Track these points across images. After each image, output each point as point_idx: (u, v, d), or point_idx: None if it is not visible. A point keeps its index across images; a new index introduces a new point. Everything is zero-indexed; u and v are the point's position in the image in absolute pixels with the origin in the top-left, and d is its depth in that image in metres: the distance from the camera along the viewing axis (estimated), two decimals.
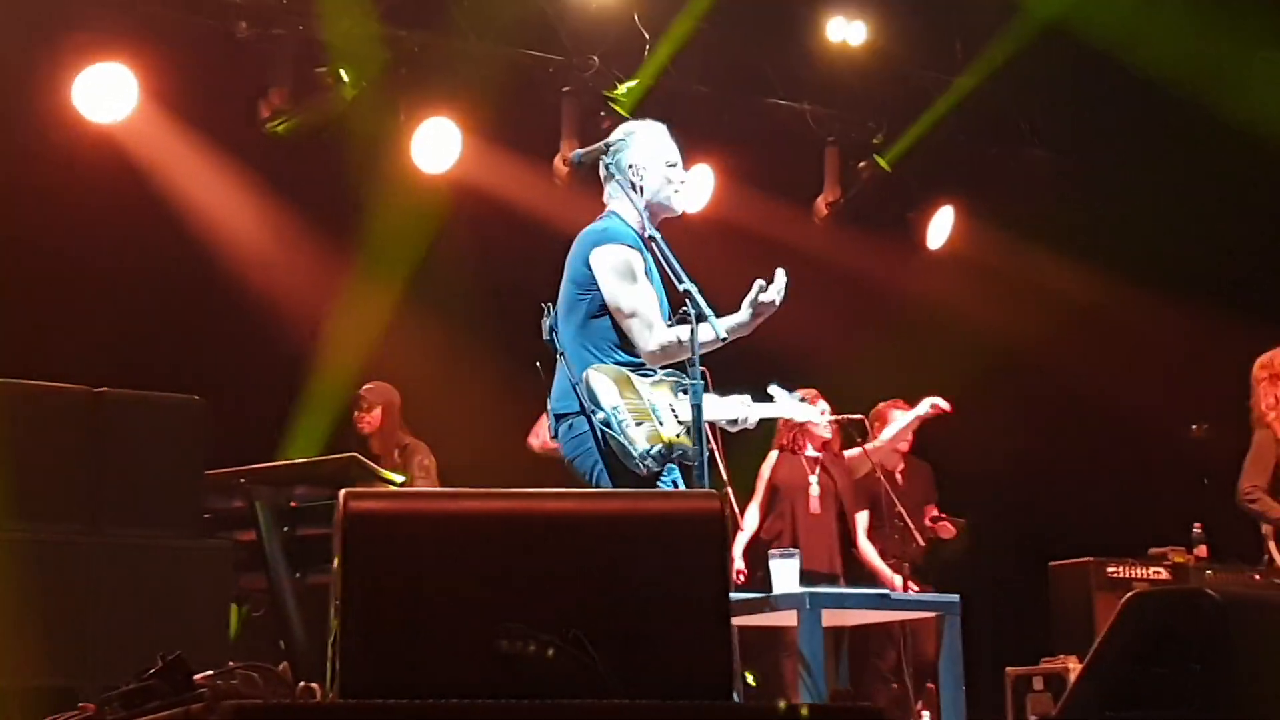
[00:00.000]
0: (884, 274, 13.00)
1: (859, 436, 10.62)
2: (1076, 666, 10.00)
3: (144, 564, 6.48)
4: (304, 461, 7.48)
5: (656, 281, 6.65)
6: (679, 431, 6.42)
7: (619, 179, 6.78)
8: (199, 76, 10.47)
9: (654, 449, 6.36)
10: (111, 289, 10.31)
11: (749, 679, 11.28)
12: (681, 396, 6.42)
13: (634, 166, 6.79)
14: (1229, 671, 5.05)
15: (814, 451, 10.72)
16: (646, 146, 6.85)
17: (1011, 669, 11.15)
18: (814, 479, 10.64)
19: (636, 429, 6.36)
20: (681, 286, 6.38)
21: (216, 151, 10.73)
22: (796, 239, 12.66)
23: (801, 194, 12.91)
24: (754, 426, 6.96)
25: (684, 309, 6.35)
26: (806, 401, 7.60)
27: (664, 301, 6.65)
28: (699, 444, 6.23)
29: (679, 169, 6.87)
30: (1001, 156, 13.46)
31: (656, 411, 6.43)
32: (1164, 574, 11.68)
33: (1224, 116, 12.11)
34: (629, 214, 6.74)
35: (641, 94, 11.52)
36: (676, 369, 6.55)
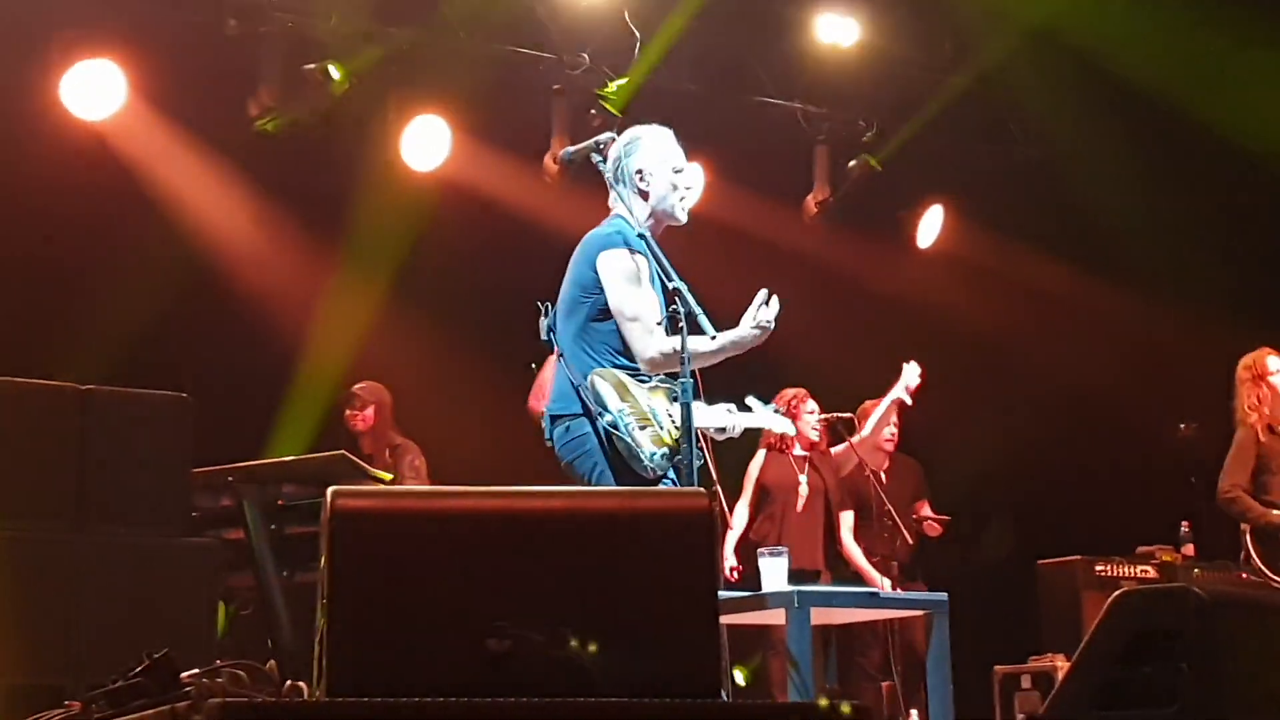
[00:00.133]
0: (874, 272, 13.00)
1: (847, 434, 10.64)
2: (1064, 665, 10.01)
3: (131, 562, 6.47)
4: (292, 460, 7.46)
5: (657, 286, 6.62)
6: (677, 436, 6.42)
7: (625, 184, 6.75)
8: (187, 74, 10.45)
9: (661, 451, 6.35)
10: (99, 286, 10.29)
11: (739, 677, 11.29)
12: (675, 404, 6.41)
13: (641, 172, 6.74)
14: (1216, 670, 5.05)
15: (802, 450, 10.72)
16: (654, 152, 6.80)
17: (999, 667, 11.18)
18: (803, 479, 10.64)
19: (641, 432, 6.36)
20: (671, 285, 6.36)
21: (205, 149, 10.72)
22: (786, 237, 12.68)
23: (791, 192, 12.91)
24: (739, 436, 6.97)
25: (673, 307, 6.34)
26: (782, 412, 7.61)
27: (664, 305, 6.62)
28: (689, 443, 6.23)
29: (686, 175, 6.83)
30: (991, 156, 13.47)
31: (656, 416, 6.43)
32: (1152, 572, 11.72)
33: (1213, 119, 12.14)
34: (635, 219, 6.69)
35: (631, 92, 11.52)
36: (669, 376, 6.54)
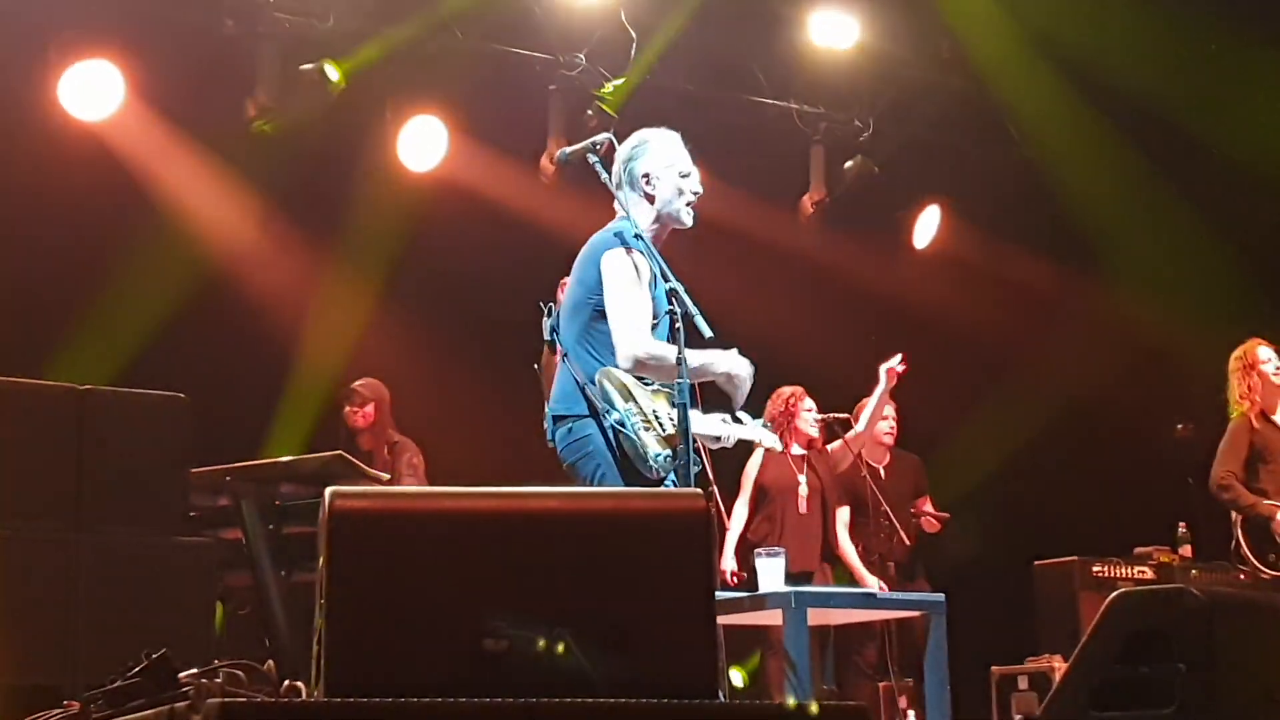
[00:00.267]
0: (870, 272, 13.00)
1: (843, 434, 10.64)
2: (1061, 665, 10.02)
3: (129, 562, 6.46)
4: (289, 459, 7.45)
5: (660, 289, 6.59)
6: (679, 433, 6.43)
7: (632, 187, 6.75)
8: (185, 74, 10.45)
9: (665, 453, 6.35)
10: (96, 286, 10.29)
11: (737, 678, 11.28)
12: (675, 407, 6.40)
13: (648, 175, 6.73)
14: (1213, 671, 5.05)
15: (800, 449, 10.71)
16: (661, 155, 6.78)
17: (996, 668, 11.18)
18: (803, 478, 10.63)
19: (646, 433, 6.36)
20: (667, 285, 6.36)
21: (202, 149, 10.71)
22: (783, 238, 12.69)
23: (788, 193, 12.91)
24: (732, 446, 6.97)
25: (670, 308, 6.34)
26: (770, 427, 7.61)
27: (661, 306, 6.61)
28: (685, 443, 6.23)
29: (692, 179, 6.80)
30: (988, 156, 13.47)
31: (659, 418, 6.43)
32: (1149, 573, 11.73)
33: (1206, 126, 12.19)
34: (642, 223, 6.68)
35: (628, 92, 11.52)
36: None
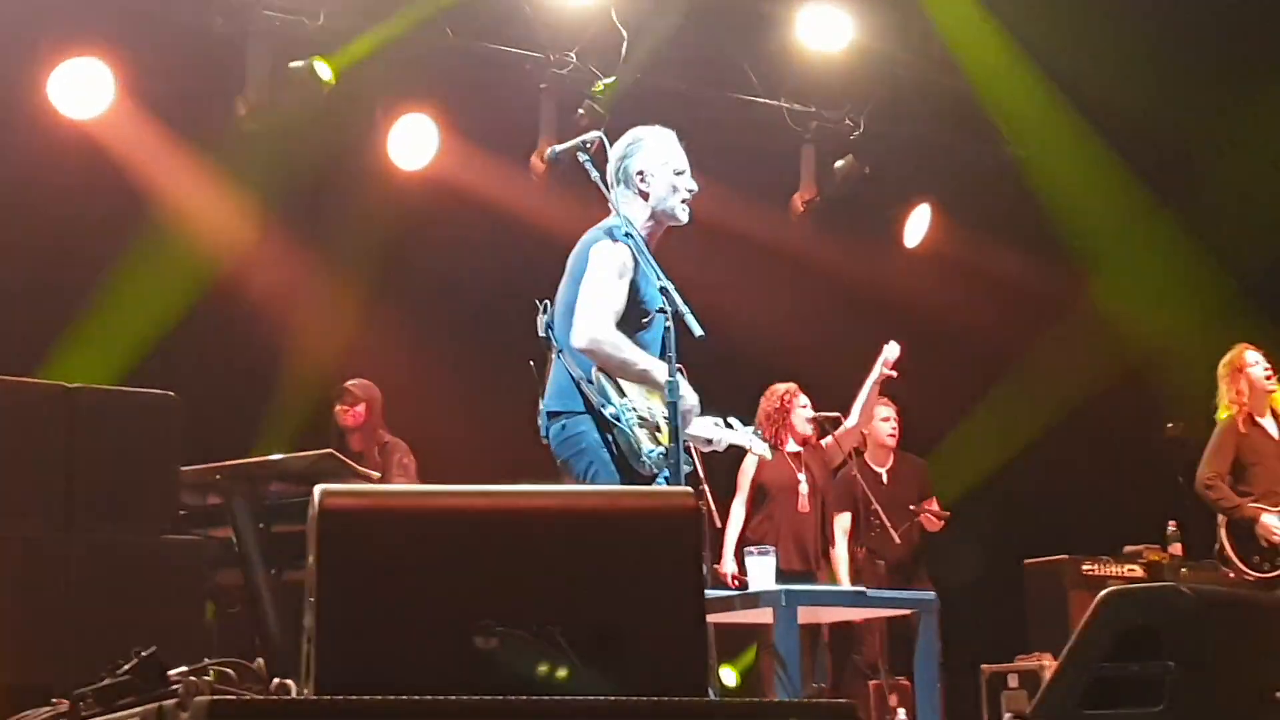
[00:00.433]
0: (861, 271, 13.01)
1: (833, 431, 10.63)
2: (1052, 664, 10.02)
3: (119, 560, 6.45)
4: (280, 458, 7.44)
5: (648, 284, 6.61)
6: (669, 432, 6.45)
7: (626, 184, 6.77)
8: (175, 72, 10.44)
9: (658, 450, 6.37)
10: (86, 284, 10.28)
11: (730, 676, 11.28)
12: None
13: (642, 173, 6.77)
14: (1203, 669, 5.06)
15: (795, 446, 10.70)
16: (655, 153, 6.82)
17: (987, 666, 11.19)
18: (802, 477, 10.62)
19: (640, 429, 6.38)
20: (659, 284, 6.38)
21: (193, 147, 10.71)
22: (773, 236, 12.68)
23: (778, 191, 12.91)
24: (724, 450, 6.98)
25: (661, 307, 6.35)
26: (760, 434, 7.60)
27: (655, 303, 6.61)
28: (676, 442, 6.24)
29: (686, 176, 6.83)
30: (978, 155, 13.48)
31: (654, 416, 6.45)
32: (1139, 572, 11.76)
33: (1190, 134, 12.28)
34: (638, 220, 6.70)
35: (618, 91, 11.51)
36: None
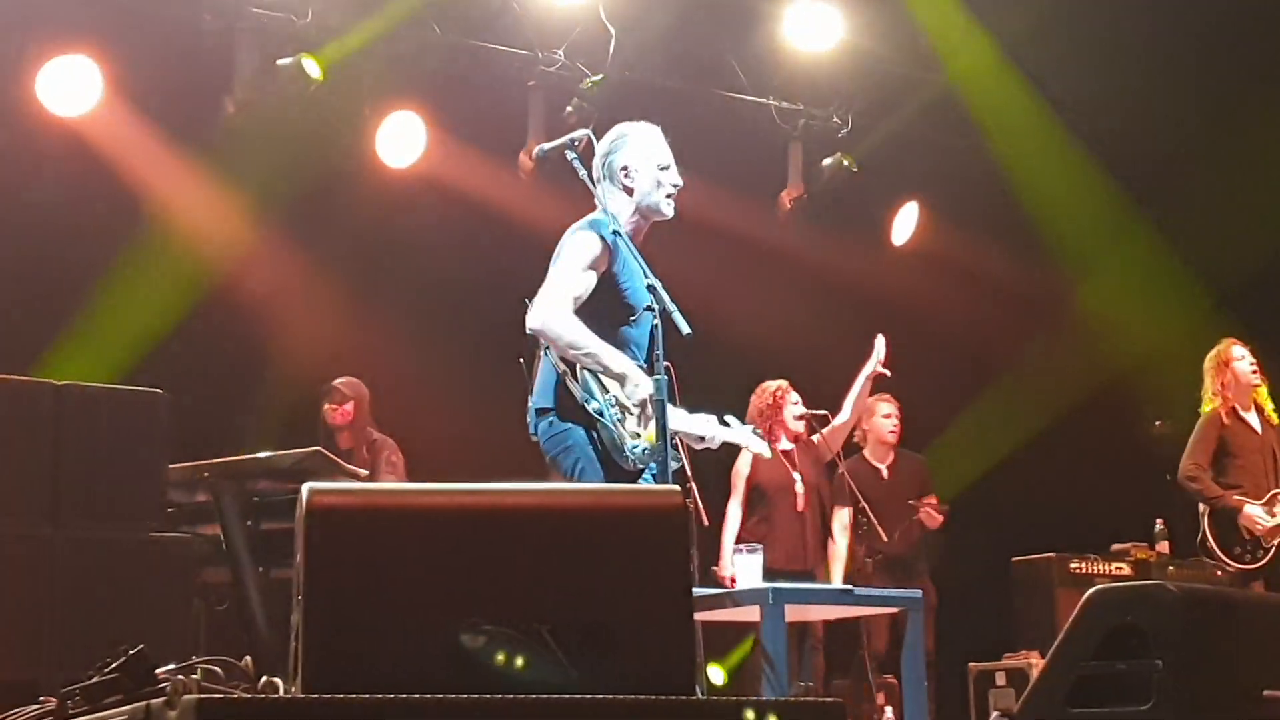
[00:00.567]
0: (849, 268, 13.00)
1: (821, 429, 10.64)
2: (1039, 662, 10.04)
3: (106, 557, 6.45)
4: (267, 455, 7.43)
5: (633, 280, 6.62)
6: (656, 430, 6.45)
7: (610, 180, 6.78)
8: (164, 69, 10.43)
9: (641, 445, 6.38)
10: (75, 282, 10.27)
11: (717, 675, 11.27)
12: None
13: (626, 168, 6.78)
14: (1191, 667, 5.06)
15: (788, 444, 10.70)
16: (639, 149, 6.83)
17: (974, 664, 11.20)
18: (797, 476, 10.62)
19: (623, 424, 6.39)
20: (646, 281, 6.38)
21: (181, 144, 10.70)
22: (761, 234, 12.68)
23: (766, 189, 12.92)
24: (716, 448, 6.99)
25: (649, 304, 6.36)
26: (760, 434, 7.60)
27: (641, 299, 6.62)
28: (663, 439, 6.25)
29: (671, 172, 6.84)
30: (966, 152, 13.48)
31: (641, 411, 6.45)
32: (1126, 570, 11.78)
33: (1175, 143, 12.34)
34: (622, 216, 6.71)
35: (606, 88, 11.51)
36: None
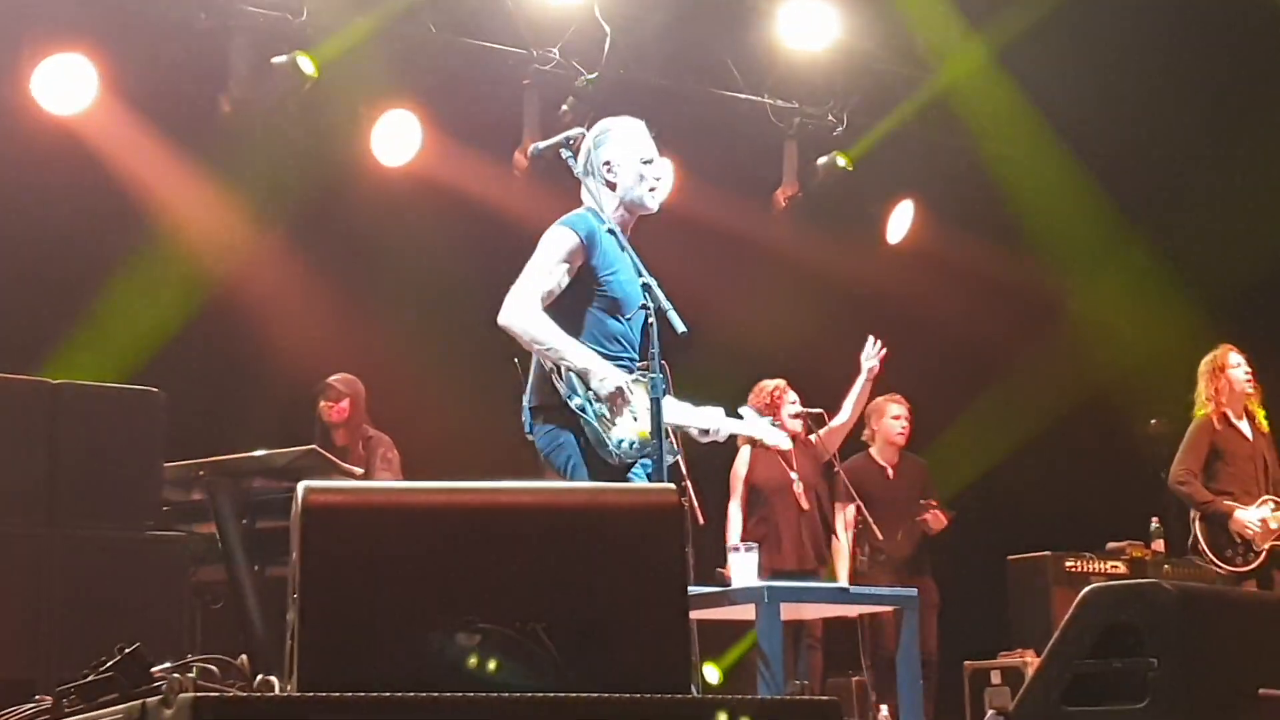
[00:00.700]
0: (844, 267, 13.01)
1: (816, 428, 10.64)
2: (1034, 660, 10.05)
3: (102, 556, 6.46)
4: (263, 453, 7.43)
5: (618, 273, 6.63)
6: (651, 429, 6.46)
7: (594, 175, 6.79)
8: (159, 68, 10.43)
9: (627, 440, 6.39)
10: (70, 280, 10.27)
11: (713, 674, 11.27)
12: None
13: (609, 163, 6.79)
14: (1186, 665, 5.07)
15: (787, 444, 10.68)
16: (621, 143, 6.84)
17: (969, 663, 11.19)
18: (795, 475, 10.61)
19: (610, 420, 6.39)
20: (641, 280, 6.39)
21: (176, 143, 10.69)
22: (756, 232, 12.69)
23: (761, 187, 12.92)
24: (723, 440, 6.99)
25: (643, 304, 6.36)
26: (778, 425, 7.60)
27: (634, 298, 6.63)
28: (658, 439, 6.25)
29: (654, 166, 6.84)
30: (961, 151, 13.49)
31: (633, 407, 6.46)
32: (1122, 568, 11.78)
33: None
34: (606, 211, 6.72)
35: (601, 87, 11.51)
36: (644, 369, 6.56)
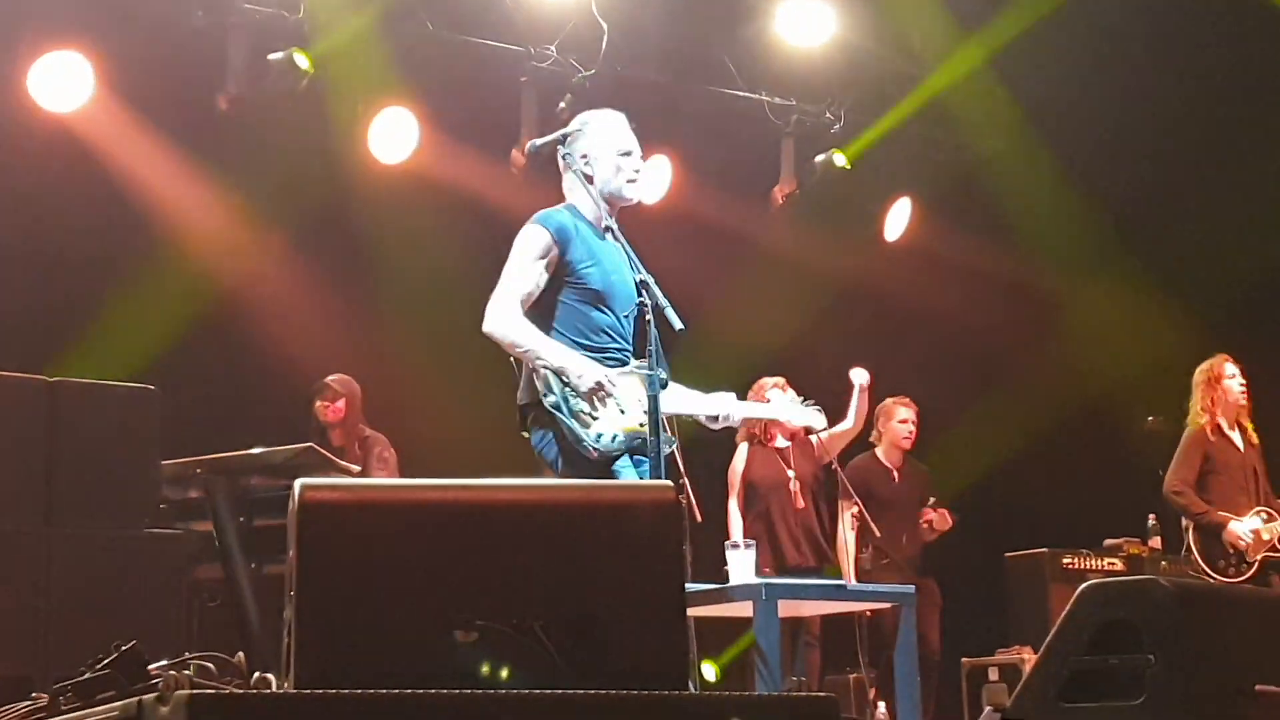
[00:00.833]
0: (842, 264, 13.02)
1: (819, 431, 10.64)
2: (1031, 657, 10.04)
3: (99, 554, 6.46)
4: (260, 451, 7.43)
5: (598, 265, 6.65)
6: (642, 421, 6.46)
7: (574, 169, 6.81)
8: (155, 65, 10.43)
9: (608, 434, 6.40)
10: (66, 278, 10.27)
11: (710, 672, 11.26)
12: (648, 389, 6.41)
13: (585, 156, 6.80)
14: (1184, 662, 5.06)
15: (784, 441, 10.69)
16: (599, 136, 6.85)
17: (967, 659, 11.21)
18: (792, 473, 10.61)
19: (590, 414, 6.40)
20: (638, 277, 6.39)
21: (173, 140, 10.69)
22: (753, 229, 12.69)
23: (758, 185, 12.93)
24: (738, 424, 7.00)
25: (640, 300, 6.36)
26: (811, 403, 7.57)
27: (621, 291, 6.65)
28: (656, 437, 6.25)
29: (633, 158, 6.85)
30: (959, 148, 13.49)
31: (618, 400, 6.46)
32: (1119, 565, 11.79)
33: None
34: (584, 204, 6.76)
35: (599, 84, 11.51)
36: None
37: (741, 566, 8.44)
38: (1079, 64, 12.38)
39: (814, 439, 10.63)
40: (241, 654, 4.35)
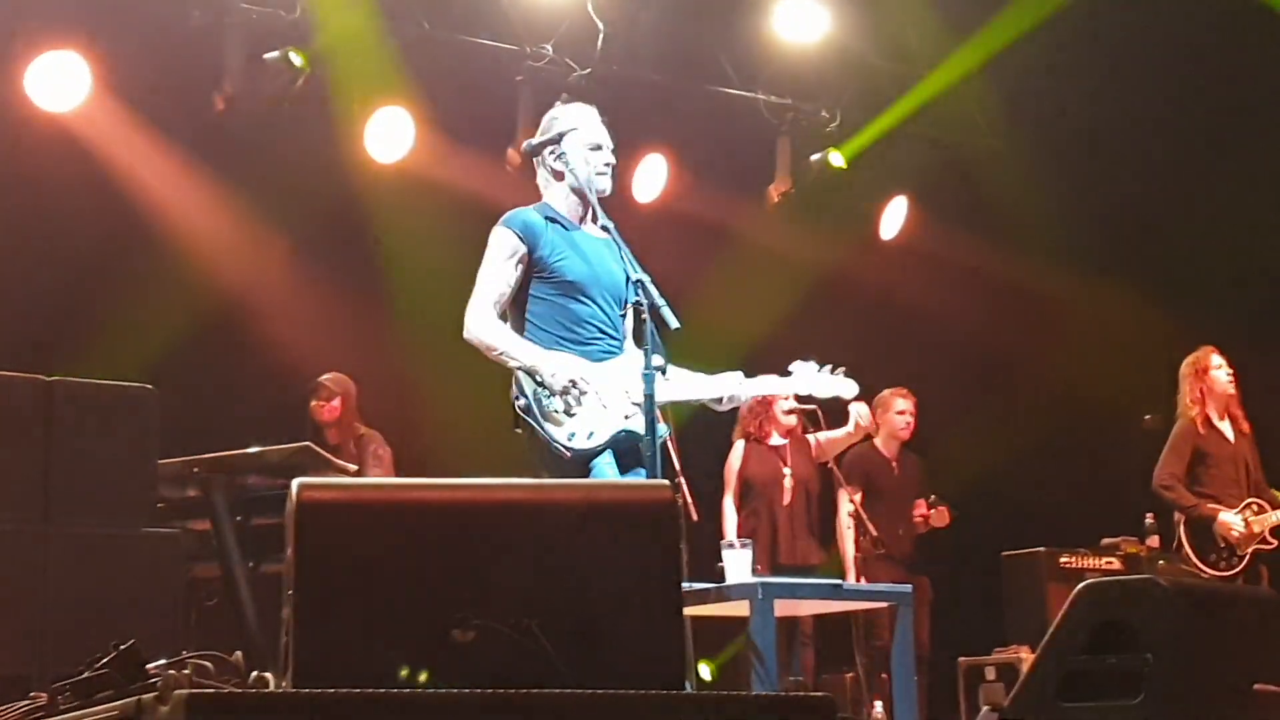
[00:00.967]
0: (838, 263, 13.02)
1: (811, 425, 10.63)
2: (1029, 656, 10.04)
3: (97, 553, 6.46)
4: (257, 450, 7.44)
5: (570, 257, 6.67)
6: (629, 413, 6.46)
7: (543, 166, 6.86)
8: (152, 65, 10.42)
9: (579, 434, 6.42)
10: (64, 278, 10.27)
11: (705, 672, 11.26)
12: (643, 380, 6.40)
13: (555, 151, 6.83)
14: (1181, 661, 5.07)
15: (779, 439, 10.69)
16: (569, 130, 6.87)
17: (964, 659, 11.19)
18: (788, 471, 10.62)
19: (563, 413, 6.42)
20: (634, 277, 6.39)
21: (169, 140, 10.69)
22: (749, 228, 12.69)
23: (754, 183, 12.92)
24: (745, 400, 7.01)
25: (636, 299, 6.36)
26: (843, 372, 7.55)
27: (604, 280, 6.67)
28: (651, 434, 6.24)
29: (603, 151, 6.87)
30: (955, 147, 13.49)
31: (600, 396, 6.47)
32: (1116, 564, 11.79)
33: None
34: (556, 200, 6.83)
35: (594, 82, 11.52)
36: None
37: (738, 566, 8.45)
38: (1076, 63, 12.39)
39: (812, 439, 10.63)
40: (239, 653, 4.36)
